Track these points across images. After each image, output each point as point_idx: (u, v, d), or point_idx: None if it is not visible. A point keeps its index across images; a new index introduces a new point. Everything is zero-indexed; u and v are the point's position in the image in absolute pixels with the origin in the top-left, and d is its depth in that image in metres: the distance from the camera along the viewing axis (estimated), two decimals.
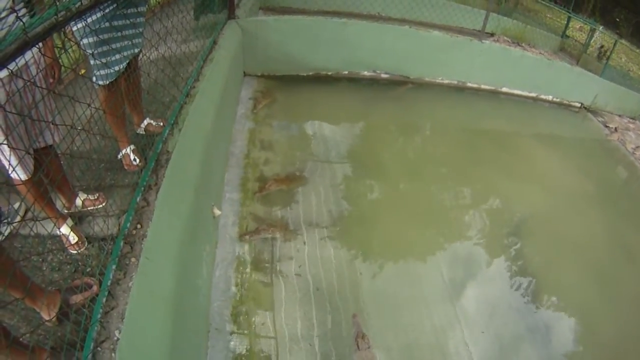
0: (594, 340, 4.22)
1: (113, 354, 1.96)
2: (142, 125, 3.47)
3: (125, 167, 3.07)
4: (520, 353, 3.82)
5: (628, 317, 4.55)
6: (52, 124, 2.23)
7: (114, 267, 2.28)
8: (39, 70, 2.09)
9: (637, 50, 13.90)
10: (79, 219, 2.67)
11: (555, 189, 6.19)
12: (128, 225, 2.51)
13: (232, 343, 3.23)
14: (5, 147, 1.93)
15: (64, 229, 2.45)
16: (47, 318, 2.08)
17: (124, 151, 3.07)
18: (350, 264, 4.06)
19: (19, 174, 2.05)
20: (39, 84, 2.07)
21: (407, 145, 6.33)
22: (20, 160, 2.01)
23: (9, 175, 2.04)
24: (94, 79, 2.70)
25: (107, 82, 2.71)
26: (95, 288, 2.20)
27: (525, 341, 3.93)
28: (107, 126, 3.01)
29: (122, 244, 2.40)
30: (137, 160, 3.06)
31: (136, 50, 2.93)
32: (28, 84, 1.98)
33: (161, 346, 2.23)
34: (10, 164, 1.97)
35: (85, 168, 3.00)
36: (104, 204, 2.74)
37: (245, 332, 3.32)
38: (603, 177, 7.17)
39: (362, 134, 6.19)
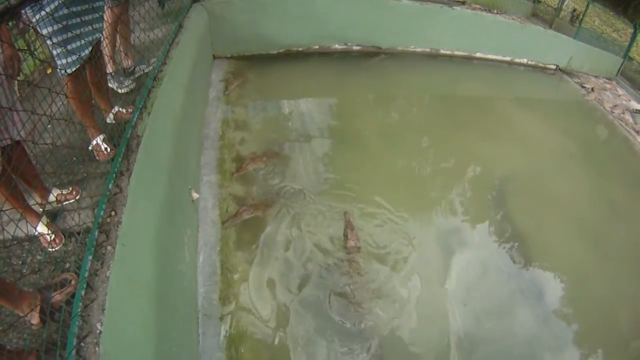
0: (585, 295, 4.30)
1: (97, 348, 1.91)
2: (112, 113, 3.40)
3: (97, 157, 3.01)
4: (514, 313, 3.86)
5: (616, 270, 4.64)
6: (14, 111, 2.14)
7: (90, 257, 2.21)
8: None
9: (610, 13, 13.96)
10: (53, 216, 2.59)
11: (537, 150, 6.24)
12: (102, 213, 2.43)
13: (223, 328, 3.18)
14: None
15: (40, 227, 2.39)
16: (30, 320, 2.03)
17: (94, 141, 3.03)
18: (336, 238, 4.01)
19: None
20: None
21: (384, 116, 6.28)
22: None
23: None
24: (59, 68, 2.62)
25: (73, 70, 2.64)
26: (74, 282, 2.14)
27: (518, 302, 3.98)
28: (77, 117, 2.94)
29: (97, 233, 2.33)
30: (109, 149, 3.02)
31: (98, 35, 2.83)
32: None
33: (147, 335, 2.18)
34: None
35: (57, 162, 2.92)
36: (78, 197, 2.67)
37: (236, 315, 3.27)
38: (583, 136, 7.26)
39: (338, 107, 6.12)
